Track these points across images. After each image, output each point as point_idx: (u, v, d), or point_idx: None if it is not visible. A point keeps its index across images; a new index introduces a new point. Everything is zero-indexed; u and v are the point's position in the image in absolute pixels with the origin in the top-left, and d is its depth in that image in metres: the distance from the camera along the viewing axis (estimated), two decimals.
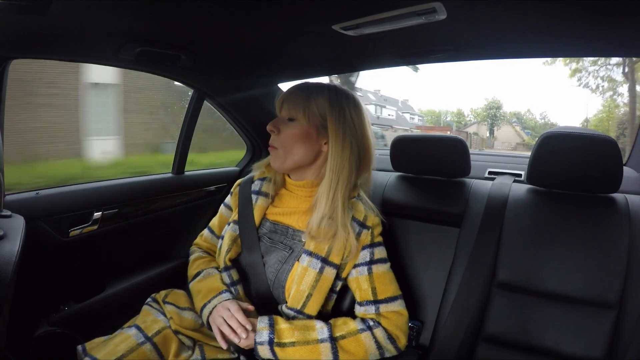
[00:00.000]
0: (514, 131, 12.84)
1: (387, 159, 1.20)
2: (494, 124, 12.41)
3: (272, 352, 0.74)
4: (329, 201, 0.79)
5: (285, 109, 0.86)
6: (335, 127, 0.82)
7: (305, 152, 0.84)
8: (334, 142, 0.81)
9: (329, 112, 0.82)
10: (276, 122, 0.86)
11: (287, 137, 0.84)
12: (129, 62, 0.96)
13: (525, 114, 14.01)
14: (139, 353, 0.75)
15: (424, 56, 0.97)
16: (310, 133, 0.83)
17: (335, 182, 0.80)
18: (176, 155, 1.35)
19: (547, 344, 0.84)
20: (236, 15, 0.74)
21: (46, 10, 0.63)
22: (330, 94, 0.84)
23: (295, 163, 0.85)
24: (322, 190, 0.81)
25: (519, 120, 14.12)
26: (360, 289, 0.81)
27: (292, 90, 0.87)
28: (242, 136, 1.64)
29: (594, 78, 8.52)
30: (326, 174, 0.81)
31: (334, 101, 0.83)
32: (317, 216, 0.79)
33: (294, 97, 0.85)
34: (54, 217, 0.98)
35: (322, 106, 0.83)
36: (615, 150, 0.84)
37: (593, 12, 0.68)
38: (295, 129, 0.83)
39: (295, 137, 0.83)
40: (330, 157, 0.82)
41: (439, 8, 0.65)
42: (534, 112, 12.89)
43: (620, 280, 0.82)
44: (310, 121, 0.83)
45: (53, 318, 1.00)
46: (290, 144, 0.84)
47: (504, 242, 0.94)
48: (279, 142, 0.85)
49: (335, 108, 0.82)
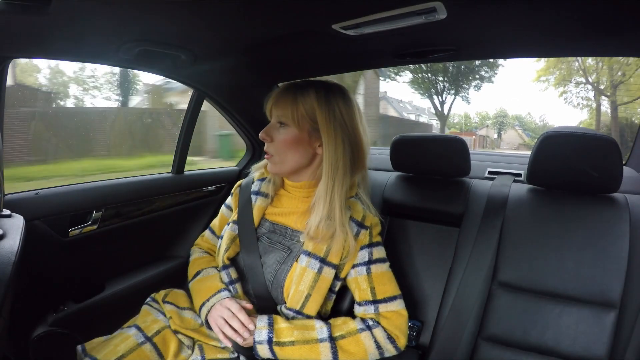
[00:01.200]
0: (516, 134, 15.53)
1: (387, 159, 1.20)
2: (501, 128, 15.16)
3: (272, 351, 0.74)
4: (326, 203, 0.79)
5: (274, 114, 0.85)
6: (326, 129, 0.80)
7: (299, 157, 0.84)
8: (327, 144, 0.81)
9: (318, 113, 0.81)
10: (268, 129, 0.85)
11: (280, 144, 0.83)
12: (129, 62, 0.96)
13: (525, 116, 16.15)
14: (139, 353, 0.75)
15: (424, 56, 0.97)
16: (303, 137, 0.83)
17: (331, 183, 0.80)
18: (176, 155, 1.36)
19: (547, 343, 0.84)
20: (236, 15, 0.74)
21: (46, 10, 0.63)
22: (318, 93, 0.82)
23: (291, 168, 0.85)
24: (320, 192, 0.80)
25: (521, 123, 16.63)
26: (359, 289, 0.81)
27: (278, 93, 0.85)
28: (242, 136, 1.64)
29: (576, 98, 11.77)
30: (322, 176, 0.81)
31: (321, 100, 0.82)
32: (315, 218, 0.79)
33: (281, 102, 0.84)
34: (53, 217, 0.98)
35: (311, 107, 0.81)
36: (615, 150, 0.84)
37: (593, 12, 0.68)
38: (287, 135, 0.83)
39: (288, 144, 0.83)
40: (325, 159, 0.81)
41: (439, 7, 0.65)
42: (533, 115, 14.58)
43: (620, 279, 0.82)
44: (300, 125, 0.82)
45: (53, 318, 1.00)
46: (283, 151, 0.83)
47: (504, 241, 0.94)
48: (273, 149, 0.85)
49: (323, 108, 0.81)
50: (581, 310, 0.84)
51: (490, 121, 14.28)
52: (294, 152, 0.83)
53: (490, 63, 12.99)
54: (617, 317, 0.81)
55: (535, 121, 14.91)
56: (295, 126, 0.82)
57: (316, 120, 0.81)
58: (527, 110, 16.25)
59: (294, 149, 0.83)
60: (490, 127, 14.65)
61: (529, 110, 14.62)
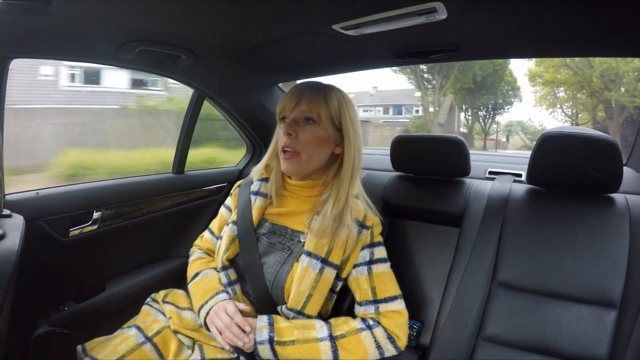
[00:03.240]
0: (519, 137, 19.34)
1: (387, 159, 1.20)
2: (510, 134, 19.31)
3: (273, 350, 0.74)
4: (340, 203, 0.79)
5: (298, 110, 0.81)
6: (350, 129, 0.81)
7: (323, 156, 0.83)
8: (350, 145, 0.81)
9: (343, 113, 0.81)
10: (293, 124, 0.80)
11: (307, 141, 0.80)
12: (129, 62, 0.96)
13: (527, 122, 20.68)
14: (139, 353, 0.75)
15: (424, 56, 0.97)
16: (330, 135, 0.82)
17: (348, 184, 0.81)
18: (176, 155, 1.36)
19: (547, 343, 0.84)
20: (236, 15, 0.74)
21: (46, 10, 0.63)
22: (340, 93, 0.83)
23: (314, 167, 0.84)
24: (336, 192, 0.81)
25: (522, 128, 19.73)
26: (360, 288, 0.81)
27: (305, 88, 0.82)
28: (242, 136, 1.64)
29: (559, 114, 14.08)
30: (342, 176, 0.81)
31: (343, 101, 0.82)
32: (325, 216, 0.79)
33: (310, 98, 0.80)
34: (53, 217, 0.98)
35: (337, 107, 0.81)
36: (615, 151, 0.84)
37: (593, 12, 0.68)
38: (315, 132, 0.80)
39: (318, 141, 0.80)
40: (346, 160, 0.81)
41: (439, 8, 0.65)
42: (533, 121, 18.35)
43: (620, 279, 0.82)
44: (330, 122, 0.81)
45: (53, 318, 1.00)
46: (311, 148, 0.80)
47: (504, 242, 0.94)
48: (299, 146, 0.80)
49: (347, 109, 0.82)
50: (581, 310, 0.84)
51: (501, 129, 18.66)
52: (319, 150, 0.81)
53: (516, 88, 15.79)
54: (617, 316, 0.81)
55: (535, 126, 18.96)
56: (327, 122, 0.80)
57: (340, 120, 0.81)
58: (528, 116, 18.51)
59: (319, 147, 0.81)
60: (501, 132, 18.78)
61: (530, 117, 17.12)
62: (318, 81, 0.87)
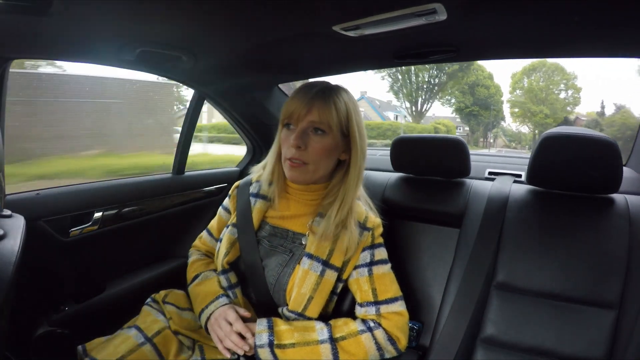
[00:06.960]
0: (502, 139, 22.69)
1: (387, 159, 1.20)
2: (496, 137, 22.84)
3: (273, 354, 0.73)
4: (345, 206, 0.79)
5: (309, 119, 0.77)
6: (357, 135, 0.79)
7: (330, 164, 0.82)
8: (356, 150, 0.80)
9: (352, 119, 0.79)
10: (302, 135, 0.77)
11: (317, 153, 0.77)
12: (130, 62, 0.96)
13: (507, 126, 23.93)
14: (139, 354, 0.75)
15: (424, 57, 0.97)
16: (338, 143, 0.80)
17: (354, 188, 0.80)
18: (176, 156, 1.36)
19: (546, 345, 0.84)
20: (237, 17, 0.74)
21: (47, 10, 0.63)
22: (347, 96, 0.80)
23: (320, 176, 0.82)
24: (342, 195, 0.80)
25: (503, 131, 23.32)
26: (361, 290, 0.81)
27: (315, 96, 0.77)
28: (242, 136, 1.64)
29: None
30: (350, 182, 0.80)
31: (350, 105, 0.80)
32: (328, 221, 0.79)
33: (321, 108, 0.76)
34: (54, 217, 0.98)
35: (346, 113, 0.78)
36: (615, 151, 0.84)
37: (593, 13, 0.68)
38: (325, 143, 0.77)
39: (326, 151, 0.78)
40: (353, 165, 0.80)
41: (439, 9, 0.65)
42: (511, 125, 23.16)
43: (620, 280, 0.82)
44: (339, 131, 0.78)
45: (53, 318, 1.00)
46: (320, 159, 0.78)
47: (503, 242, 0.94)
48: (307, 157, 0.77)
49: (354, 114, 0.80)
50: (580, 311, 0.84)
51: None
52: (327, 159, 0.79)
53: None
54: (616, 317, 0.81)
55: (512, 129, 22.63)
56: (337, 132, 0.78)
57: (347, 127, 0.79)
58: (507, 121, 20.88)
59: (327, 157, 0.79)
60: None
61: (508, 121, 20.17)
62: (326, 82, 0.83)
